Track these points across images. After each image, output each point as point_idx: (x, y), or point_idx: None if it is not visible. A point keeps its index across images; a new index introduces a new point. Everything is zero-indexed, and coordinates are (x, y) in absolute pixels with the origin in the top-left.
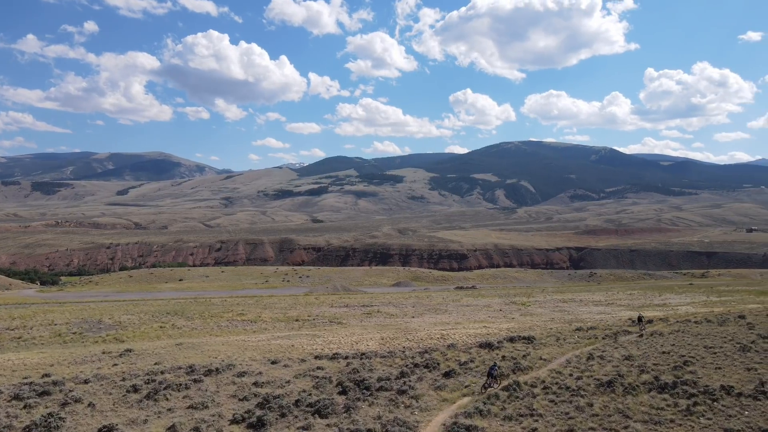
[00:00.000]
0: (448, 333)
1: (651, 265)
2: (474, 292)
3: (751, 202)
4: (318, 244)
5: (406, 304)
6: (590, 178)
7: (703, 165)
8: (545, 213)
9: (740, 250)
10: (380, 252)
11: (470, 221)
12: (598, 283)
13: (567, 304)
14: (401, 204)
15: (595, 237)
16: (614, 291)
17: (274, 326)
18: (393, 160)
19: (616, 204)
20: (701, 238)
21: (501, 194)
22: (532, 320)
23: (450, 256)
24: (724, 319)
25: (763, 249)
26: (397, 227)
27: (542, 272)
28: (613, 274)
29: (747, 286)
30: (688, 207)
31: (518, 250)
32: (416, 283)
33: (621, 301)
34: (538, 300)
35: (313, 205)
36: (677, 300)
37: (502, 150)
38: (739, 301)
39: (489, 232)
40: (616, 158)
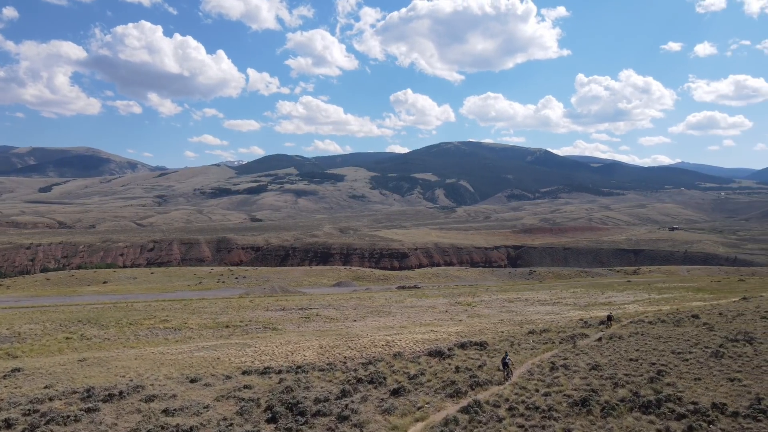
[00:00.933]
0: (394, 339)
1: (584, 262)
2: (417, 291)
3: (672, 202)
4: (257, 243)
5: (348, 306)
6: (526, 178)
7: (629, 167)
8: (484, 212)
9: (664, 248)
10: (321, 251)
11: (411, 220)
12: (540, 281)
13: (513, 303)
14: (342, 203)
15: (531, 235)
16: (557, 289)
17: (201, 334)
18: (334, 159)
19: (550, 203)
20: (629, 237)
21: (441, 194)
22: (481, 322)
23: (391, 254)
24: (677, 318)
25: (684, 246)
26: (338, 226)
27: (483, 270)
28: (551, 271)
29: (681, 282)
30: (617, 207)
31: (458, 248)
32: (357, 283)
33: (566, 300)
34: (484, 300)
35: (252, 203)
36: (621, 298)
37: (442, 150)
38: (680, 298)
39: (429, 231)
40: (550, 159)
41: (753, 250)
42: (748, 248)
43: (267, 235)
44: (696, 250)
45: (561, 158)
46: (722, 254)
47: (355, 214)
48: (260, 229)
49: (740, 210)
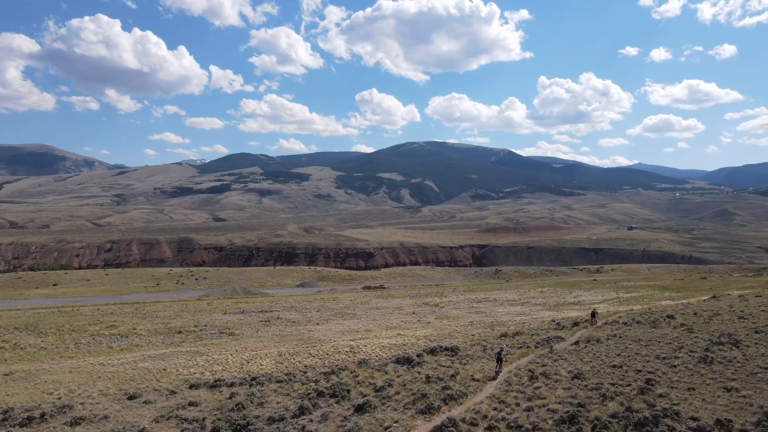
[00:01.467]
0: (359, 344)
1: (546, 261)
2: (383, 292)
3: (631, 202)
4: (220, 243)
5: (311, 308)
6: (490, 178)
7: (589, 168)
8: (449, 212)
9: (623, 247)
10: (286, 251)
11: (377, 220)
12: (507, 281)
13: (482, 304)
14: (307, 202)
15: (495, 235)
16: (525, 289)
17: (150, 341)
18: (299, 158)
19: (513, 203)
20: (590, 236)
21: (406, 193)
22: (450, 325)
23: (357, 254)
24: (653, 319)
25: (642, 245)
26: (303, 226)
27: (449, 270)
28: (517, 270)
29: (645, 281)
30: (578, 206)
31: (424, 247)
32: (322, 284)
33: (535, 300)
34: (452, 300)
35: (215, 203)
36: (589, 297)
37: (408, 150)
38: (648, 297)
39: (395, 231)
40: (514, 160)
41: (707, 248)
42: (702, 247)
43: (230, 234)
44: (653, 249)
45: (524, 159)
46: (678, 253)
47: (320, 213)
48: (223, 228)
49: (694, 210)
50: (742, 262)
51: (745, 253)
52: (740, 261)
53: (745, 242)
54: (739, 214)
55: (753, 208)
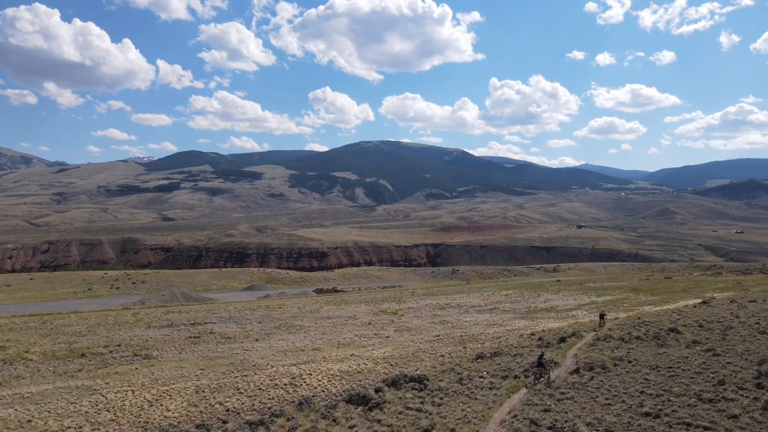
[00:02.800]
0: (302, 371)
1: (500, 259)
2: (336, 297)
3: (579, 201)
4: (167, 243)
5: (252, 318)
6: (444, 177)
7: (539, 168)
8: (403, 211)
9: (573, 245)
10: (236, 251)
11: (331, 219)
12: (467, 282)
13: (445, 311)
14: (260, 201)
15: (449, 234)
16: (488, 291)
17: (38, 371)
18: (251, 157)
19: (467, 202)
20: (541, 234)
21: (361, 192)
22: (413, 340)
23: (310, 254)
24: (653, 333)
25: (591, 243)
26: (255, 225)
27: (405, 270)
28: (474, 270)
29: (610, 281)
30: (529, 205)
31: (378, 247)
32: (272, 286)
33: (503, 305)
34: (411, 306)
35: (163, 202)
36: (561, 301)
37: (362, 149)
38: (625, 301)
39: (349, 230)
40: (467, 160)
41: (651, 246)
42: (646, 244)
43: (179, 234)
44: (602, 247)
45: (477, 158)
46: (625, 250)
47: (273, 213)
48: (171, 228)
49: (638, 209)
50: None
51: (686, 251)
52: (683, 258)
53: (686, 240)
54: (680, 213)
55: (692, 207)
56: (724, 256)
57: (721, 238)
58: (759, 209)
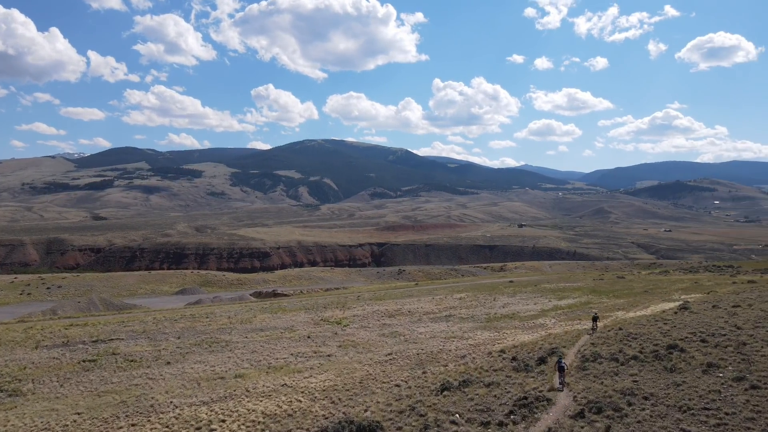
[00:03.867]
0: (213, 417)
1: (444, 258)
2: (274, 302)
3: (520, 201)
4: (98, 244)
5: (171, 332)
6: (388, 177)
7: (481, 168)
8: (348, 210)
9: (515, 243)
10: (174, 252)
11: (274, 218)
12: (415, 283)
13: (396, 319)
14: (200, 200)
15: (394, 233)
16: (440, 295)
17: None
18: (191, 154)
19: (411, 202)
20: (484, 233)
21: (305, 191)
22: (361, 360)
23: (252, 254)
24: (652, 352)
25: (532, 242)
26: (194, 224)
27: (349, 270)
28: (421, 270)
29: (565, 281)
30: (472, 205)
31: (322, 246)
32: (206, 290)
33: (459, 312)
34: (357, 314)
35: (95, 200)
36: (521, 306)
37: (306, 147)
38: (587, 303)
39: (293, 229)
40: (411, 159)
41: (588, 244)
42: (584, 243)
43: (111, 234)
44: (542, 245)
45: (421, 158)
46: (564, 249)
47: (213, 212)
48: (103, 228)
49: (575, 208)
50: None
51: (621, 249)
52: (617, 256)
53: (620, 238)
54: (613, 213)
55: (624, 206)
56: (655, 253)
57: (652, 237)
58: (684, 209)
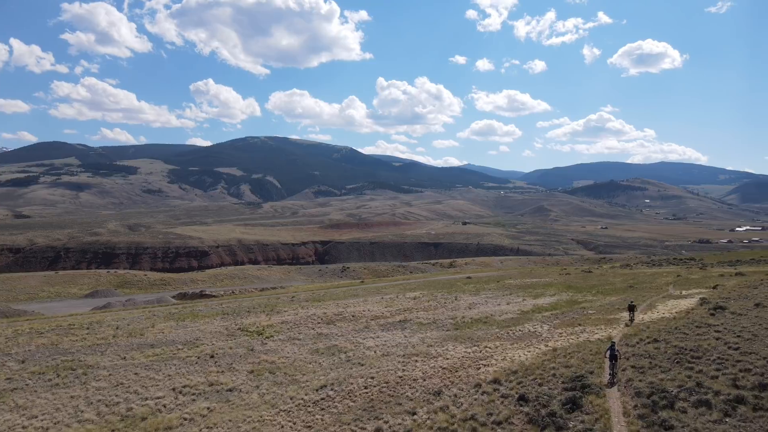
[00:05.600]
0: None
1: (389, 255)
2: (186, 306)
3: (463, 199)
4: (17, 243)
5: (19, 352)
6: (333, 175)
7: (425, 167)
8: (291, 208)
9: (460, 241)
10: (103, 252)
11: (214, 216)
12: (361, 281)
13: (335, 326)
14: (135, 198)
15: (338, 231)
16: (390, 294)
17: None
18: (126, 150)
19: (356, 200)
20: (429, 231)
21: (247, 189)
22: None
23: (189, 253)
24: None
25: (477, 239)
26: (127, 223)
27: (289, 269)
28: (366, 267)
29: (532, 277)
30: (416, 203)
31: (264, 245)
32: (122, 291)
33: (415, 314)
34: (287, 319)
35: (17, 197)
36: (493, 307)
37: (248, 144)
38: (572, 302)
39: (233, 227)
40: (356, 157)
41: (530, 241)
42: (526, 240)
43: (33, 233)
44: (486, 242)
45: (365, 156)
46: (508, 245)
47: (149, 210)
48: (25, 226)
49: (516, 207)
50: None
51: (561, 245)
52: (558, 252)
53: (560, 235)
54: (553, 211)
55: (563, 205)
56: (593, 249)
57: (590, 233)
58: (618, 207)
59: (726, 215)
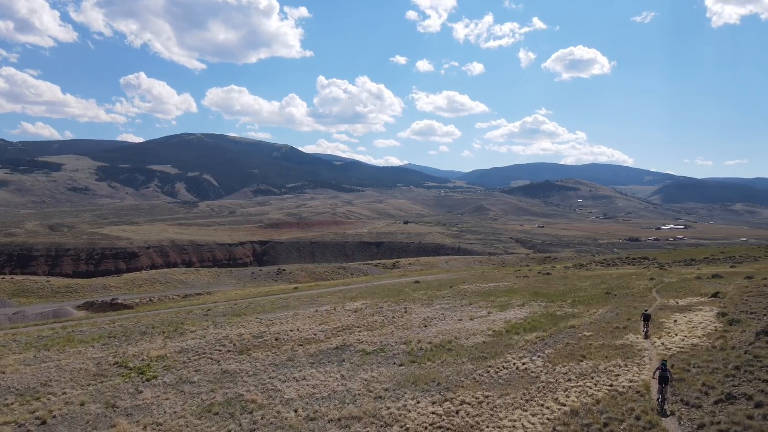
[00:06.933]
0: None
1: (330, 256)
2: (67, 328)
3: (404, 198)
4: None
5: None
6: (272, 173)
7: (367, 166)
8: (229, 207)
9: (401, 240)
10: (18, 254)
11: (145, 215)
12: (295, 287)
13: (248, 359)
14: (58, 196)
15: (278, 230)
16: (326, 304)
17: None
18: (49, 145)
19: (296, 199)
20: (370, 230)
21: (182, 187)
22: None
23: (116, 255)
24: None
25: (418, 238)
26: (48, 223)
27: (219, 271)
28: (303, 269)
29: (488, 281)
30: (358, 202)
31: (198, 245)
32: (17, 302)
33: (356, 336)
34: (187, 346)
35: None
36: (453, 322)
37: (184, 141)
38: (550, 317)
39: (166, 227)
40: (296, 156)
41: (471, 240)
42: (467, 238)
43: None
44: (428, 241)
45: (306, 155)
46: (449, 244)
47: (75, 209)
48: None
49: (456, 206)
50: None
51: (501, 244)
52: (498, 251)
53: (500, 234)
54: (492, 210)
55: (501, 204)
56: (532, 247)
57: (527, 232)
58: (553, 206)
59: (651, 214)
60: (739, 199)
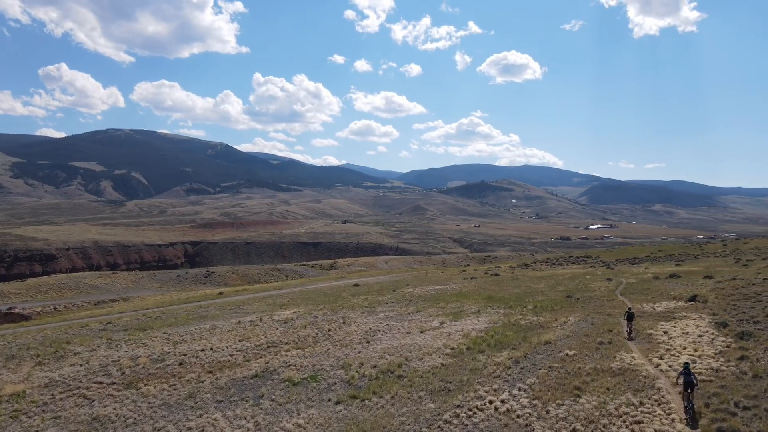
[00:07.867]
0: None
1: (266, 256)
2: None
3: (342, 198)
4: None
5: None
6: (206, 172)
7: (304, 165)
8: (159, 206)
9: (340, 240)
10: None
11: (66, 215)
12: (220, 292)
13: (134, 397)
14: None
15: (211, 230)
16: (251, 313)
17: None
18: None
19: (231, 198)
20: (308, 230)
21: (108, 186)
22: None
23: (31, 257)
24: None
25: (356, 238)
26: None
27: (140, 274)
28: (235, 271)
29: (435, 284)
30: (295, 202)
31: (125, 246)
32: None
33: (283, 357)
34: (59, 378)
35: None
36: (401, 337)
37: (110, 137)
38: (513, 328)
39: (89, 227)
40: (231, 155)
41: (409, 239)
42: (405, 238)
43: None
44: (366, 241)
45: (242, 154)
46: (387, 244)
47: None
48: None
49: (394, 206)
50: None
51: (439, 243)
52: (436, 250)
53: (437, 233)
54: (429, 210)
55: (438, 204)
56: (469, 247)
57: (464, 232)
58: (488, 206)
59: (580, 214)
60: (659, 200)
